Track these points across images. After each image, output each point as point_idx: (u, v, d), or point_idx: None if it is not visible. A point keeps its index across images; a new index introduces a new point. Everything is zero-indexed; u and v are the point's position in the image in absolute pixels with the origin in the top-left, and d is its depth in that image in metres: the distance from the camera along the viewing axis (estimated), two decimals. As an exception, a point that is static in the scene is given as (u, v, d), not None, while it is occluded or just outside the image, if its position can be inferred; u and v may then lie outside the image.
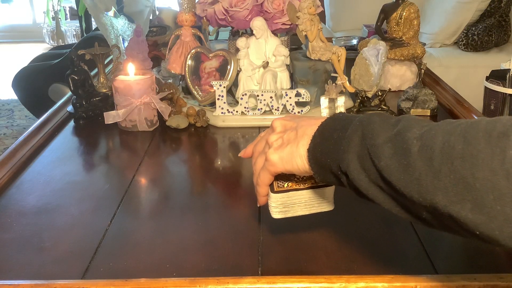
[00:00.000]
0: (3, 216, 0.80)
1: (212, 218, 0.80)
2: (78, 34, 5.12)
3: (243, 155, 0.66)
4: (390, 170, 0.45)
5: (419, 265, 0.66)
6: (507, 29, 2.90)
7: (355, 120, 0.51)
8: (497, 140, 0.39)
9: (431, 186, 0.42)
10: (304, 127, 0.57)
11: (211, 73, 1.20)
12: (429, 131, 0.44)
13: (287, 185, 0.62)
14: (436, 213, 0.43)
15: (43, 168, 0.97)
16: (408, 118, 0.48)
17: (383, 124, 0.48)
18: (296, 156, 0.56)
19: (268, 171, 0.59)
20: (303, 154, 0.55)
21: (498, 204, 0.38)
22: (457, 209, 0.40)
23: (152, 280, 0.61)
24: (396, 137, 0.46)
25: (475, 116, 1.14)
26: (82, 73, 1.20)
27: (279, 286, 0.60)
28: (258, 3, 1.20)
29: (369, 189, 0.49)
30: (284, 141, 0.57)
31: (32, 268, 0.67)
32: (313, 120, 0.57)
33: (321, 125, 0.55)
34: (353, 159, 0.49)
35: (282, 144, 0.57)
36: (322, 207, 0.65)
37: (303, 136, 0.56)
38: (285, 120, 0.60)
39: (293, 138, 0.57)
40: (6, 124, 3.29)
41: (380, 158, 0.46)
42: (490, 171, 0.38)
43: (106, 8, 1.48)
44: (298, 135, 0.56)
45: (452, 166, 0.40)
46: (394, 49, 1.42)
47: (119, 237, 0.74)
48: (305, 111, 1.16)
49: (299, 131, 0.57)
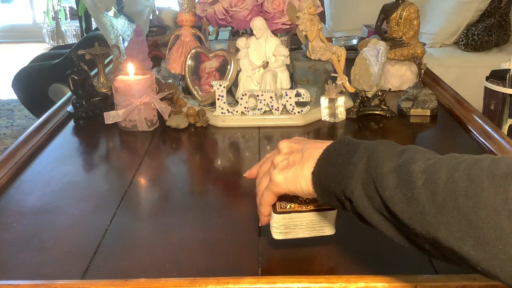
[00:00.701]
0: (3, 216, 0.80)
1: (212, 218, 0.80)
2: (78, 34, 5.12)
3: (248, 176, 0.67)
4: (394, 201, 0.45)
5: (419, 265, 0.66)
6: (507, 29, 2.90)
7: (361, 147, 0.52)
8: (501, 180, 0.39)
9: (434, 221, 0.42)
10: (310, 150, 0.57)
11: (211, 73, 1.20)
12: (434, 164, 0.44)
13: (290, 207, 0.63)
14: (438, 246, 0.43)
15: (43, 168, 0.97)
16: (414, 149, 0.49)
17: (388, 152, 0.49)
18: (300, 178, 0.56)
19: (271, 191, 0.60)
20: (307, 177, 0.56)
21: (499, 243, 0.38)
22: (459, 244, 0.41)
23: (152, 280, 0.61)
24: (401, 168, 0.46)
25: (475, 116, 1.14)
26: (82, 73, 1.20)
27: (279, 286, 0.60)
28: (258, 3, 1.20)
29: (373, 216, 0.49)
30: (289, 162, 0.58)
31: (32, 268, 0.67)
32: (319, 143, 0.58)
33: (327, 149, 0.56)
34: (358, 185, 0.49)
35: (287, 165, 0.58)
36: (324, 231, 0.66)
37: (309, 158, 0.56)
38: (292, 142, 0.61)
39: (299, 160, 0.57)
40: (6, 124, 3.29)
41: (384, 188, 0.46)
42: (493, 210, 0.39)
43: (106, 8, 1.48)
44: (304, 158, 0.57)
45: (455, 202, 0.41)
46: (394, 49, 1.42)
47: (119, 237, 0.74)
48: (305, 111, 1.16)
49: (305, 154, 0.57)
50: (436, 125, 1.21)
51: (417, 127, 1.20)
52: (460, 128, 1.15)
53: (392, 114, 1.22)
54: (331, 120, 1.19)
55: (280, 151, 0.61)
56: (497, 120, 1.98)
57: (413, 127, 1.20)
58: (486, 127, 1.08)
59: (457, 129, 1.16)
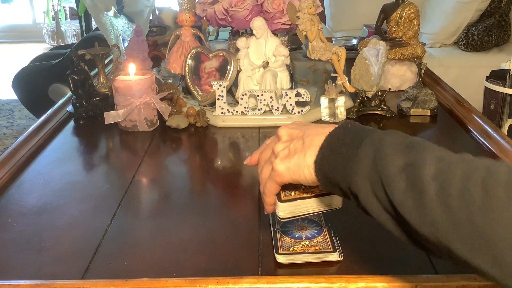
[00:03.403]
0: (3, 216, 0.80)
1: (212, 218, 0.79)
2: (78, 34, 5.12)
3: (249, 163, 0.65)
4: (404, 207, 0.44)
5: (419, 265, 0.66)
6: (507, 29, 2.90)
7: (366, 140, 0.49)
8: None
9: (448, 233, 0.41)
10: (311, 136, 0.55)
11: (211, 73, 1.20)
12: (446, 170, 0.42)
13: (294, 194, 0.62)
14: (452, 255, 0.42)
15: (43, 168, 0.97)
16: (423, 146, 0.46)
17: (396, 147, 0.47)
18: (303, 167, 0.54)
19: (274, 181, 0.58)
20: (310, 165, 0.54)
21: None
22: (475, 260, 0.39)
23: (152, 280, 0.61)
24: (410, 170, 0.44)
25: (475, 116, 1.14)
26: (82, 73, 1.20)
27: (279, 286, 0.60)
28: (258, 3, 1.20)
29: (381, 215, 0.48)
30: (290, 151, 0.56)
31: (32, 268, 0.67)
32: (320, 128, 0.55)
33: (329, 136, 0.53)
34: (365, 183, 0.48)
35: (289, 154, 0.56)
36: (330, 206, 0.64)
37: (310, 146, 0.54)
38: (291, 128, 0.59)
39: (300, 148, 0.55)
40: (6, 124, 3.29)
41: (393, 191, 0.44)
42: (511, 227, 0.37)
43: (106, 8, 1.48)
44: (305, 145, 0.55)
45: (470, 216, 0.39)
46: (394, 49, 1.42)
47: (119, 237, 0.74)
48: (305, 111, 1.16)
49: (306, 141, 0.55)
50: (436, 125, 1.21)
51: (417, 127, 1.20)
52: (460, 128, 1.15)
53: (392, 114, 1.22)
54: (331, 120, 1.19)
55: (280, 138, 0.58)
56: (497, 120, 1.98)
57: (413, 127, 1.20)
58: (486, 127, 1.08)
59: (457, 129, 1.16)
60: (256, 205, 0.81)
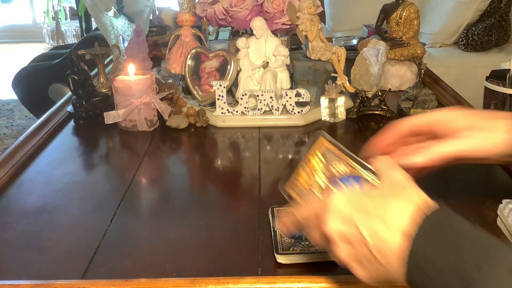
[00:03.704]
0: (3, 216, 0.80)
1: (212, 218, 0.79)
2: (78, 34, 5.13)
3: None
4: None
5: (419, 265, 0.66)
6: (507, 29, 2.90)
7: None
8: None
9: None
10: (377, 244, 0.46)
11: (211, 73, 1.20)
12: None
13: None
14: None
15: (43, 168, 0.97)
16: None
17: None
18: (389, 276, 0.47)
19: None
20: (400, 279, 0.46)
21: None
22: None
23: (152, 280, 0.61)
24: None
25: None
26: (82, 73, 1.20)
27: (279, 286, 0.60)
28: (258, 3, 1.20)
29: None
30: (360, 259, 0.48)
31: (32, 268, 0.67)
32: (379, 222, 0.46)
33: (412, 253, 0.44)
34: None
35: (360, 262, 0.48)
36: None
37: (387, 263, 0.46)
38: (339, 221, 0.49)
39: (373, 259, 0.47)
40: (6, 124, 3.30)
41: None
42: None
43: (106, 8, 1.48)
44: (379, 259, 0.46)
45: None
46: (394, 49, 1.42)
47: (119, 237, 0.74)
48: (305, 111, 1.16)
49: (374, 251, 0.46)
50: (436, 125, 1.21)
51: (417, 127, 1.20)
52: (460, 128, 1.15)
53: (392, 114, 1.22)
54: (331, 120, 1.19)
55: (331, 239, 0.49)
56: (497, 120, 1.98)
57: (413, 127, 1.20)
58: (486, 127, 1.08)
59: (457, 129, 1.15)
60: (256, 205, 0.81)
